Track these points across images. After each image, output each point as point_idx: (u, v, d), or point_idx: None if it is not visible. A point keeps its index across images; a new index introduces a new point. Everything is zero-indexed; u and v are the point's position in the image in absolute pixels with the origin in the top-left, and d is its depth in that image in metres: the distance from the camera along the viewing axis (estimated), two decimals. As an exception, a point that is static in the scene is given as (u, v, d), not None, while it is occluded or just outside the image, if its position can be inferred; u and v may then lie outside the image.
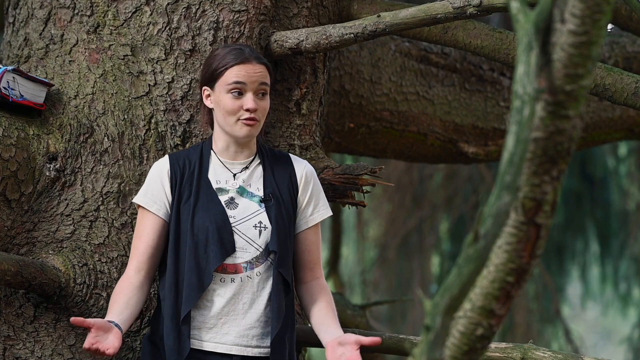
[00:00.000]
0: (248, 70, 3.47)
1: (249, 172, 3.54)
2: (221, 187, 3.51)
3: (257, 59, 3.50)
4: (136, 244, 3.49)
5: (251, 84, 3.47)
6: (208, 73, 3.52)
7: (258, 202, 3.51)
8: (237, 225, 3.46)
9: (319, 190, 3.62)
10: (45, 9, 3.93)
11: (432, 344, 1.90)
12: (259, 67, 3.49)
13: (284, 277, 3.46)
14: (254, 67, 3.48)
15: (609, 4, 1.83)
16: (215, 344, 3.43)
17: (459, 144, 4.94)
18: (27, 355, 3.63)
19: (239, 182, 3.52)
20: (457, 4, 3.70)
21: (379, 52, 4.80)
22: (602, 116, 5.20)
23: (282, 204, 3.51)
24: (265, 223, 3.47)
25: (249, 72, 3.47)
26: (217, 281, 3.43)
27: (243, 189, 3.52)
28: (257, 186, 3.53)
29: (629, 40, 5.19)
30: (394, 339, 3.89)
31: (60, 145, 3.72)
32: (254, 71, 3.48)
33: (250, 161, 3.55)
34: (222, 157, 3.54)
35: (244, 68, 3.47)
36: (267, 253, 3.46)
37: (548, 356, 3.65)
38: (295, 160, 3.62)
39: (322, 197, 3.62)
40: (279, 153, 3.64)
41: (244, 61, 3.48)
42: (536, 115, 1.88)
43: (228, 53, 3.51)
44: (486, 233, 1.87)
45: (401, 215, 8.59)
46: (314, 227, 3.59)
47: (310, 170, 3.61)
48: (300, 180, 3.57)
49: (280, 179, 3.55)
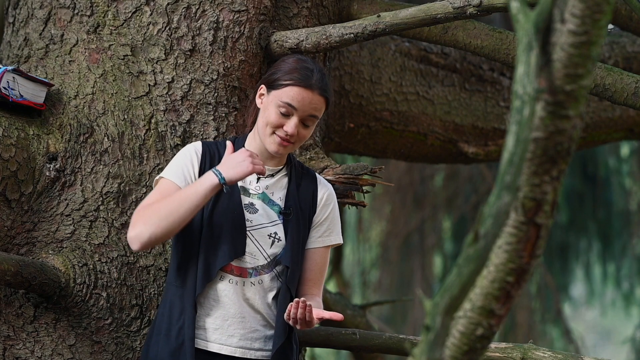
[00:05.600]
0: (305, 98, 3.40)
1: (274, 180, 3.50)
2: (245, 187, 3.48)
3: (321, 90, 3.42)
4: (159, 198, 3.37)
5: (302, 111, 3.40)
6: (272, 77, 3.45)
7: (277, 213, 3.47)
8: (252, 229, 3.43)
9: (335, 216, 3.57)
10: (45, 9, 3.92)
11: (432, 344, 1.90)
12: (318, 98, 3.42)
13: (291, 292, 3.45)
14: (312, 96, 3.40)
15: (609, 4, 1.83)
16: (220, 345, 3.42)
17: (459, 144, 4.94)
18: (27, 355, 3.63)
19: (262, 188, 3.49)
20: (457, 4, 3.70)
21: (379, 52, 4.79)
22: (602, 116, 5.20)
23: (300, 220, 3.47)
24: (280, 235, 3.44)
25: (305, 100, 3.40)
26: (225, 281, 3.42)
27: (265, 196, 3.48)
28: (279, 196, 3.49)
29: (629, 40, 5.19)
30: (394, 339, 3.89)
31: (60, 145, 3.72)
32: (311, 101, 3.40)
33: (277, 170, 3.51)
34: None
35: (303, 94, 3.40)
36: (274, 264, 3.45)
37: (548, 356, 3.65)
38: (320, 182, 3.57)
39: (337, 223, 3.57)
40: (307, 170, 3.59)
41: (307, 87, 3.40)
42: (536, 115, 1.88)
43: (299, 69, 3.43)
44: (486, 233, 1.87)
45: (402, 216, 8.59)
46: (322, 249, 3.54)
47: (332, 195, 3.57)
48: (320, 201, 3.53)
49: (303, 194, 3.50)
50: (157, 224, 3.30)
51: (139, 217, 3.33)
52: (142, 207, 3.37)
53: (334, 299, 5.32)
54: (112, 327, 3.66)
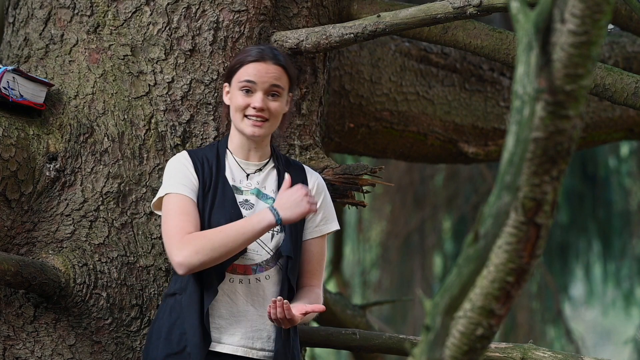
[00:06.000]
0: (260, 70, 3.46)
1: (264, 174, 3.53)
2: (236, 186, 3.49)
3: (274, 59, 3.48)
4: (184, 217, 3.37)
5: (262, 83, 3.45)
6: (228, 69, 3.54)
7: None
8: None
9: (328, 203, 3.59)
10: (45, 9, 3.92)
11: (432, 344, 1.90)
12: (273, 67, 3.47)
13: (291, 283, 3.45)
14: (267, 67, 3.46)
15: (609, 4, 1.82)
16: (222, 344, 3.42)
17: (459, 144, 4.94)
18: (27, 355, 3.63)
19: (254, 184, 3.51)
20: (457, 4, 3.70)
21: (379, 52, 4.79)
22: (602, 116, 5.20)
23: None
24: (278, 227, 3.45)
25: (261, 72, 3.46)
26: (226, 281, 3.42)
27: (258, 191, 3.50)
28: (271, 188, 3.51)
29: (629, 40, 5.19)
30: (394, 339, 3.89)
31: (60, 145, 3.72)
32: (267, 71, 3.46)
33: (264, 164, 3.54)
34: (237, 156, 3.52)
35: (257, 67, 3.46)
36: (277, 257, 3.45)
37: (548, 356, 3.65)
38: (309, 171, 3.60)
39: (331, 211, 3.59)
40: (293, 162, 3.62)
41: (259, 60, 3.47)
42: (536, 115, 1.88)
43: (249, 51, 3.51)
44: (486, 233, 1.87)
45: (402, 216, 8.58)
46: (319, 238, 3.56)
47: (322, 183, 3.60)
48: (312, 190, 3.54)
49: (293, 184, 3.53)
50: (210, 255, 3.32)
51: (186, 243, 3.32)
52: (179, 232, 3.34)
53: (334, 299, 5.31)
54: (112, 327, 3.66)
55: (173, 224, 3.37)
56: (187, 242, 3.33)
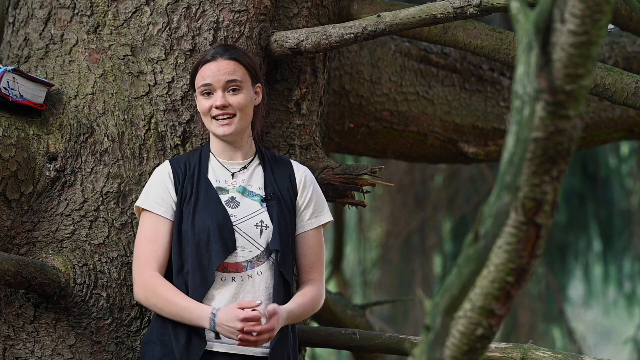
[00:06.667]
0: (213, 69, 3.50)
1: (249, 172, 3.55)
2: (221, 187, 3.52)
3: (225, 55, 3.52)
4: (152, 247, 3.47)
5: (217, 82, 3.50)
6: (189, 78, 3.61)
7: (259, 202, 3.51)
8: (238, 223, 3.46)
9: (319, 195, 3.61)
10: (45, 9, 3.92)
11: (432, 344, 1.90)
12: (224, 63, 3.50)
13: (285, 277, 3.45)
14: (219, 64, 3.50)
15: (609, 4, 1.82)
16: (219, 343, 3.42)
17: (459, 144, 4.94)
18: (27, 355, 3.63)
19: (239, 182, 3.53)
20: (457, 4, 3.69)
21: (379, 52, 4.79)
22: (602, 116, 5.20)
23: (283, 204, 3.51)
24: (266, 222, 3.47)
25: (213, 71, 3.50)
26: (217, 280, 3.43)
27: (244, 189, 3.52)
28: (258, 185, 3.54)
29: (629, 40, 5.19)
30: (394, 339, 3.89)
31: (60, 145, 3.72)
32: (218, 69, 3.50)
33: (249, 162, 3.56)
34: (220, 158, 3.55)
35: (210, 67, 3.51)
36: (269, 252, 3.46)
37: (548, 356, 3.65)
38: (295, 165, 3.63)
39: (322, 202, 3.61)
40: (279, 157, 3.64)
41: (210, 60, 3.52)
42: (536, 115, 1.88)
43: (203, 54, 3.58)
44: (486, 233, 1.86)
45: (403, 216, 8.58)
46: (313, 231, 3.57)
47: (310, 176, 3.62)
48: (300, 183, 3.57)
49: (280, 180, 3.55)
50: (153, 308, 3.47)
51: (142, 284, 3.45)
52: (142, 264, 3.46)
53: (334, 299, 5.31)
54: (112, 327, 3.66)
55: (141, 252, 3.48)
56: (143, 282, 3.44)
